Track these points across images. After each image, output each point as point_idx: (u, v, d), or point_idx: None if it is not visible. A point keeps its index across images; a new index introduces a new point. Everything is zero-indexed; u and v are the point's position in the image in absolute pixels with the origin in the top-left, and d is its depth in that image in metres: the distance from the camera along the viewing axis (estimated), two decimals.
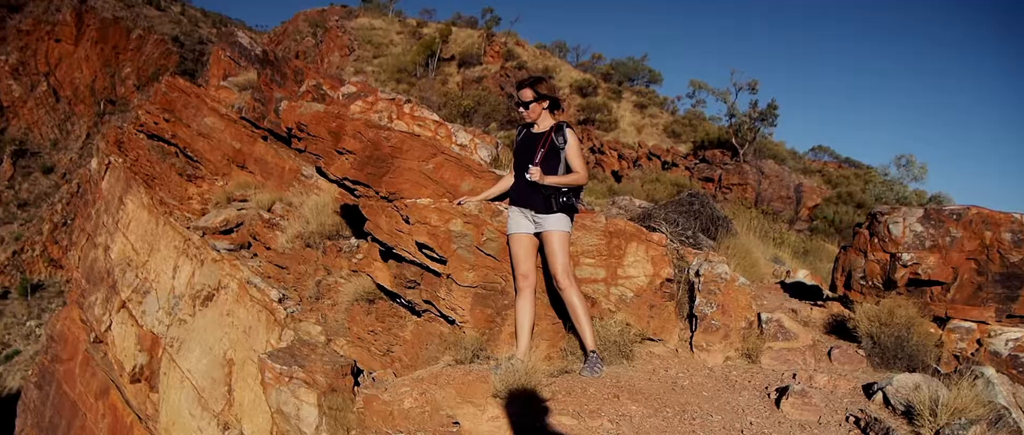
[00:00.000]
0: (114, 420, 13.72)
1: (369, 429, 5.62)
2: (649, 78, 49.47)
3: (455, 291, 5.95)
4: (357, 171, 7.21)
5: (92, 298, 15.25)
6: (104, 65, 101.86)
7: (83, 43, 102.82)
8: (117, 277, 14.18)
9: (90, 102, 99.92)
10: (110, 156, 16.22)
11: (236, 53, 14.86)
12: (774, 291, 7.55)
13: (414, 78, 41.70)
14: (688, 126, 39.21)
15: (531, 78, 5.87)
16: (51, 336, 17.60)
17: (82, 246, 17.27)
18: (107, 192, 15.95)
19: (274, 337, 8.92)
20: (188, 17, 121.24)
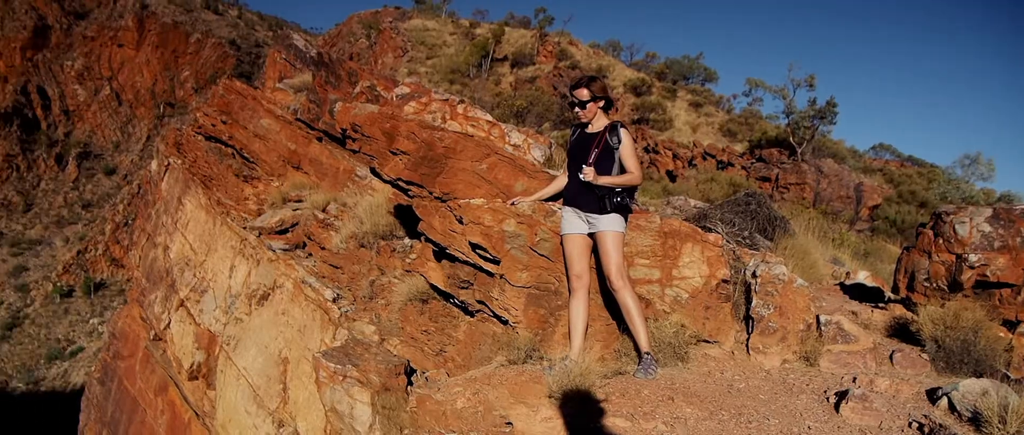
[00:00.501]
0: (173, 416, 14.23)
1: (422, 428, 5.75)
2: (704, 76, 48.94)
3: (508, 291, 6.08)
4: (411, 171, 7.40)
5: (152, 297, 15.83)
6: (164, 69, 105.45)
7: (144, 48, 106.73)
8: (176, 276, 14.73)
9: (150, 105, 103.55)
10: (169, 158, 16.82)
11: (292, 55, 15.30)
12: (833, 293, 7.48)
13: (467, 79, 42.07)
14: (744, 125, 38.69)
15: (586, 78, 5.96)
16: (113, 333, 18.31)
17: (142, 246, 17.94)
18: (166, 193, 16.56)
19: (328, 336, 9.18)
20: (245, 21, 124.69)
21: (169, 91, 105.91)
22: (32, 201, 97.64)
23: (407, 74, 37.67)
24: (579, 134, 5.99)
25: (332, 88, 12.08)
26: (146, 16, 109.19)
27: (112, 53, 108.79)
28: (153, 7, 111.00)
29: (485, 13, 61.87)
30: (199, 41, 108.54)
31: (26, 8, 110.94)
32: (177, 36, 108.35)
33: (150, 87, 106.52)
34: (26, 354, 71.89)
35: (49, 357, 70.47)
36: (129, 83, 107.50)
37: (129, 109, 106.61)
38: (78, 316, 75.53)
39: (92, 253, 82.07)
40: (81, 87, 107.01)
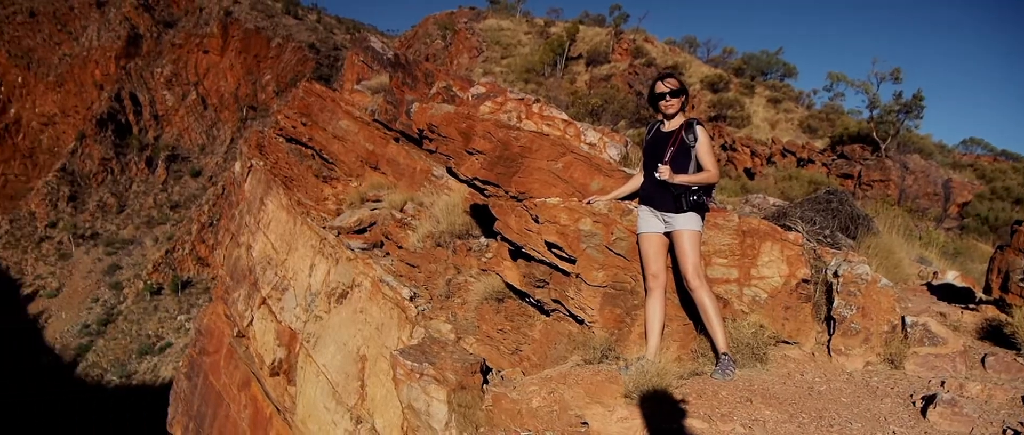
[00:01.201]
0: (255, 411, 14.74)
1: (497, 427, 5.81)
2: (783, 72, 47.79)
3: (584, 290, 6.10)
4: (487, 171, 7.50)
5: (235, 295, 16.43)
6: (247, 73, 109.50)
7: (228, 53, 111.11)
8: (258, 275, 15.25)
9: (234, 108, 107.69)
10: (252, 159, 17.43)
11: (369, 57, 15.61)
12: (920, 293, 7.20)
13: (542, 77, 42.19)
14: (825, 121, 37.58)
15: (671, 70, 5.94)
16: (199, 330, 19.08)
17: (226, 245, 18.64)
18: (249, 193, 17.16)
19: (405, 334, 9.36)
20: (323, 24, 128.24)
21: (251, 95, 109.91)
22: (125, 203, 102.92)
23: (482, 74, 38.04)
24: (655, 132, 5.96)
25: (409, 89, 12.32)
26: (230, 23, 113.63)
27: (198, 59, 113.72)
28: (236, 14, 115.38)
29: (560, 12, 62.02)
30: (280, 45, 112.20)
31: (120, 19, 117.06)
32: (259, 41, 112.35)
33: (233, 91, 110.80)
34: (119, 349, 75.76)
35: (140, 352, 74.06)
36: (214, 88, 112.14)
37: (214, 113, 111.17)
38: (167, 313, 79.14)
39: (179, 252, 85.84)
40: (169, 92, 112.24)
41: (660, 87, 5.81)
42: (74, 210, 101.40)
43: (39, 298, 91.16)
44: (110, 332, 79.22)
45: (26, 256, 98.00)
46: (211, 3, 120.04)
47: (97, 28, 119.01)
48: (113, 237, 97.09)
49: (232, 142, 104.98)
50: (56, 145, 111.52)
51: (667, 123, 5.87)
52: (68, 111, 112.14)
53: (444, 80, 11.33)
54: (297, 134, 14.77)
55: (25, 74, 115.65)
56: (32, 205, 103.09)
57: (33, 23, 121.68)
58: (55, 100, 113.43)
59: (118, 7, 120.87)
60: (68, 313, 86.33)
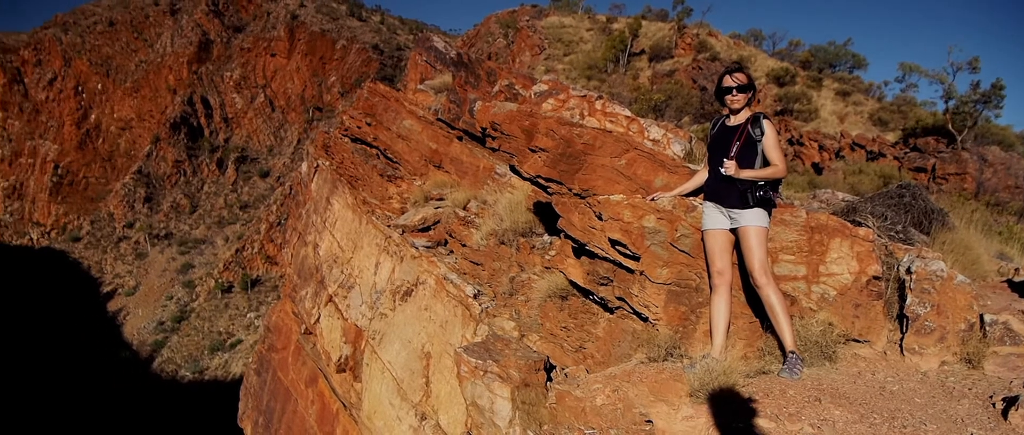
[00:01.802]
0: (322, 407, 15.08)
1: (561, 424, 5.84)
2: (853, 63, 46.37)
3: (648, 288, 6.08)
4: (550, 168, 7.53)
5: (303, 292, 16.84)
6: (312, 75, 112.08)
7: (294, 56, 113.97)
8: (325, 273, 15.60)
9: (300, 110, 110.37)
10: (318, 159, 17.84)
11: (432, 57, 15.82)
12: (1000, 290, 6.91)
13: (604, 74, 41.98)
14: (897, 113, 36.31)
15: (738, 63, 5.87)
16: (268, 327, 19.60)
17: (294, 244, 19.11)
18: (316, 193, 17.56)
19: (469, 332, 9.47)
20: (387, 25, 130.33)
21: (317, 96, 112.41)
22: (197, 203, 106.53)
23: (544, 71, 38.06)
24: (720, 127, 5.90)
25: (471, 88, 12.43)
26: (296, 26, 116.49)
27: (266, 62, 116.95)
28: (302, 17, 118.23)
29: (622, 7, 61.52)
30: (345, 47, 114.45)
31: (192, 25, 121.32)
32: (324, 44, 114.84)
33: (300, 93, 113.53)
34: (192, 345, 78.44)
35: (212, 348, 76.51)
36: (281, 90, 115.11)
37: (281, 114, 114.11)
38: (237, 310, 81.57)
39: (249, 251, 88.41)
40: (239, 95, 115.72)
41: (727, 81, 5.76)
42: (150, 211, 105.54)
43: (118, 296, 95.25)
44: (184, 329, 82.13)
45: (106, 256, 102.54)
46: (278, 7, 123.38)
47: (170, 35, 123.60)
48: (186, 237, 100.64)
49: (299, 143, 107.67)
50: (133, 148, 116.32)
51: (733, 117, 5.81)
52: (144, 115, 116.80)
53: (506, 78, 11.41)
54: (362, 134, 15.06)
55: (104, 81, 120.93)
56: (111, 206, 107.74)
57: (112, 32, 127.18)
58: (132, 105, 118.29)
59: (190, 14, 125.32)
60: (144, 310, 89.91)
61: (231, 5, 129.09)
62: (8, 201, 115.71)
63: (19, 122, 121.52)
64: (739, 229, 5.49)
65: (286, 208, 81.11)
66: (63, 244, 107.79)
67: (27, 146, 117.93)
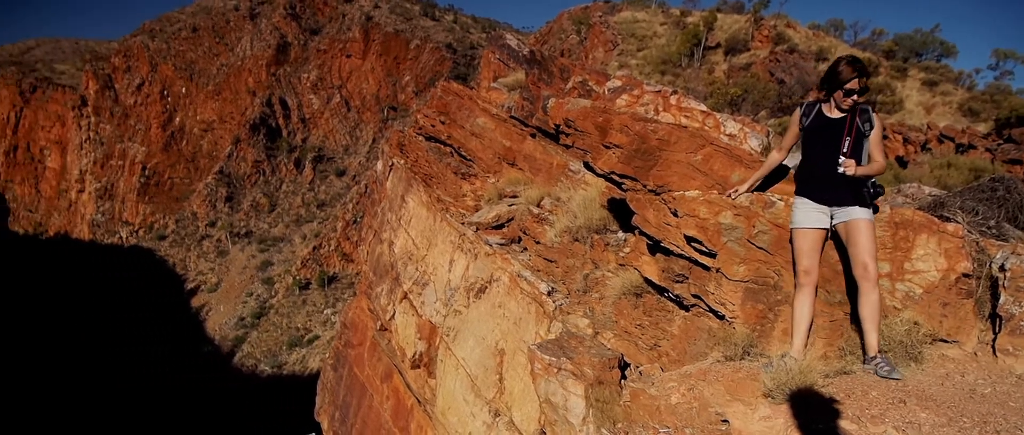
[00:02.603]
0: (397, 402, 15.39)
1: (635, 423, 5.85)
2: (941, 51, 44.28)
3: (725, 285, 6.04)
4: (624, 165, 7.53)
5: (378, 289, 17.20)
6: (387, 75, 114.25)
7: (369, 57, 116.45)
8: (400, 270, 15.91)
9: (375, 109, 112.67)
10: (393, 158, 18.20)
11: (505, 55, 15.97)
12: None
13: (679, 69, 41.44)
14: (989, 102, 34.47)
15: (856, 58, 5.60)
16: (344, 323, 20.10)
17: (370, 241, 19.54)
18: (391, 191, 17.92)
19: (543, 329, 9.54)
20: (460, 24, 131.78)
21: (392, 96, 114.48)
22: (275, 202, 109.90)
23: (618, 67, 37.85)
24: (817, 116, 5.66)
25: (544, 85, 12.49)
26: (371, 27, 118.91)
27: (341, 63, 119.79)
28: (377, 18, 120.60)
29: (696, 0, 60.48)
30: (418, 47, 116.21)
31: (271, 29, 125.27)
32: (398, 44, 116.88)
33: (375, 93, 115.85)
34: (271, 340, 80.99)
35: (290, 344, 78.81)
36: (356, 90, 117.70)
37: (356, 114, 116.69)
38: (314, 307, 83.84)
39: (325, 249, 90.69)
40: (315, 96, 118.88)
41: (854, 83, 5.42)
42: (231, 210, 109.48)
43: (201, 292, 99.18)
44: (263, 325, 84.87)
45: (189, 253, 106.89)
46: (353, 9, 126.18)
47: (250, 38, 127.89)
48: (265, 235, 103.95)
49: (374, 142, 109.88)
50: (214, 149, 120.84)
51: (831, 109, 5.59)
52: (225, 117, 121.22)
53: (580, 75, 11.43)
54: (436, 133, 15.30)
55: (188, 84, 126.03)
56: (194, 206, 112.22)
57: (195, 38, 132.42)
58: (214, 107, 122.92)
59: (268, 18, 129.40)
60: (225, 306, 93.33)
61: (308, 8, 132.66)
62: (100, 201, 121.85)
63: (110, 126, 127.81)
64: (849, 223, 5.30)
65: (362, 206, 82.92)
66: (150, 242, 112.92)
67: (117, 149, 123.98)
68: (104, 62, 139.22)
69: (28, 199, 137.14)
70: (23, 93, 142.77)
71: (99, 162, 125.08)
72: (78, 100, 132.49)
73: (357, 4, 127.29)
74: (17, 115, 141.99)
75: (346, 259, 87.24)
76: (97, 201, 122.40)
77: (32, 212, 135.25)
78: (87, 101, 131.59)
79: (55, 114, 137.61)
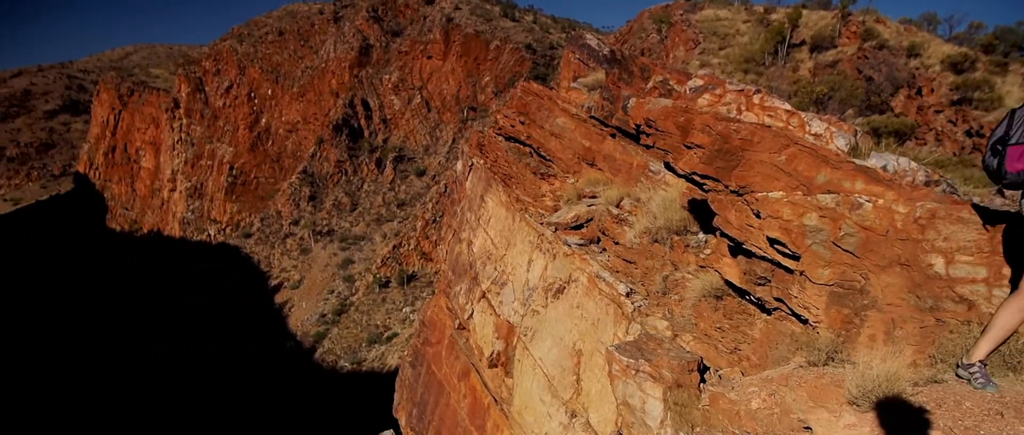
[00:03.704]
0: (473, 400, 15.60)
1: (714, 427, 5.83)
2: None
3: (808, 289, 5.95)
4: (705, 165, 7.48)
5: (457, 288, 17.47)
6: (467, 75, 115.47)
7: (449, 57, 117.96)
8: (478, 269, 16.13)
9: (455, 110, 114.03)
10: (472, 158, 18.46)
11: (585, 55, 15.98)
12: None
13: (762, 67, 40.48)
14: None
15: None
16: (422, 321, 20.48)
17: (449, 241, 19.86)
18: (470, 191, 18.17)
19: (621, 330, 9.55)
20: (539, 25, 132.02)
21: (471, 96, 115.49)
22: (357, 201, 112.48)
23: (699, 66, 37.28)
24: None
25: (625, 85, 12.48)
26: (451, 28, 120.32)
27: (422, 64, 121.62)
28: (457, 20, 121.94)
29: None
30: (498, 47, 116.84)
31: (354, 31, 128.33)
32: (478, 44, 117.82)
33: (455, 93, 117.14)
34: (351, 337, 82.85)
35: (369, 341, 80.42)
36: (437, 91, 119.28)
37: (437, 115, 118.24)
38: (393, 305, 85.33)
39: (405, 248, 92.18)
40: (396, 97, 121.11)
41: None
42: (313, 209, 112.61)
43: (284, 289, 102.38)
44: (343, 322, 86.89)
45: (273, 251, 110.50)
46: (434, 11, 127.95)
47: (333, 41, 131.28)
48: (346, 233, 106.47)
49: (454, 142, 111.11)
50: (298, 150, 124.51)
51: None
52: (309, 118, 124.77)
53: (661, 74, 11.38)
54: (515, 133, 15.44)
55: (274, 87, 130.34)
56: (279, 205, 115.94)
57: (281, 41, 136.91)
58: (298, 109, 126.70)
59: (351, 20, 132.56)
60: (307, 303, 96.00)
61: (389, 10, 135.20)
62: (190, 200, 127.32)
63: (200, 127, 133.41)
64: None
65: (441, 206, 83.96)
66: (236, 240, 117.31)
67: (206, 149, 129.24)
68: (195, 66, 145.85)
69: (124, 198, 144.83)
70: (121, 97, 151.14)
71: (190, 162, 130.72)
72: (171, 103, 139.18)
73: (438, 6, 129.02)
74: (115, 118, 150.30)
75: (425, 258, 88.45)
76: (187, 200, 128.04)
77: (128, 210, 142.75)
78: (179, 103, 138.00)
79: (150, 116, 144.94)
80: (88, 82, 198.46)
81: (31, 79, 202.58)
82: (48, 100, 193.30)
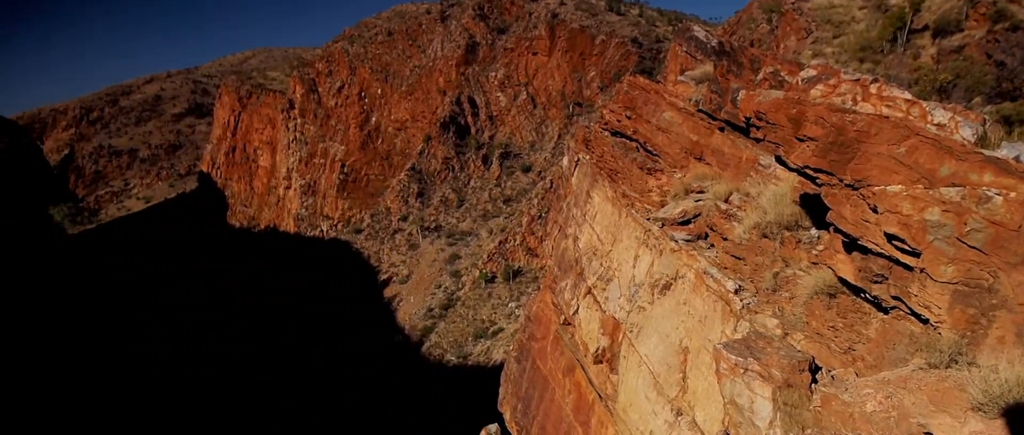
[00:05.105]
0: (578, 397, 15.67)
1: (826, 429, 5.71)
2: None
3: (929, 287, 5.72)
4: (819, 158, 7.28)
5: (562, 284, 17.58)
6: (572, 71, 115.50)
7: (555, 53, 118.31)
8: (584, 265, 16.18)
9: (561, 106, 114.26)
10: (578, 154, 18.52)
11: (692, 47, 15.74)
12: None
13: (880, 55, 38.60)
14: None
15: None
16: (528, 317, 20.70)
17: (554, 237, 20.01)
18: (576, 187, 18.24)
19: (729, 328, 9.41)
20: (645, 18, 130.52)
21: (577, 92, 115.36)
22: (464, 197, 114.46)
23: (812, 56, 35.95)
24: None
25: (734, 77, 12.24)
26: (556, 24, 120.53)
27: (528, 61, 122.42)
28: (562, 15, 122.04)
29: None
30: (603, 42, 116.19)
31: (460, 30, 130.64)
32: (583, 39, 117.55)
33: (560, 89, 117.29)
34: (457, 331, 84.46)
35: (475, 335, 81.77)
36: (542, 87, 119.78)
37: (542, 111, 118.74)
38: (499, 300, 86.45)
39: (511, 243, 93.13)
40: (502, 94, 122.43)
41: None
42: (421, 205, 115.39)
43: (392, 284, 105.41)
44: (450, 316, 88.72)
45: (383, 246, 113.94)
46: (539, 7, 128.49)
47: (441, 40, 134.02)
48: (453, 229, 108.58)
49: (559, 138, 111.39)
50: (407, 147, 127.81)
51: None
52: (417, 116, 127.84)
53: (771, 65, 11.10)
54: (621, 128, 15.40)
55: (383, 86, 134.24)
56: (388, 201, 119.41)
57: (390, 42, 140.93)
58: (406, 107, 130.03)
59: (458, 19, 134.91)
60: (415, 298, 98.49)
61: (495, 8, 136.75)
62: (304, 197, 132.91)
63: (314, 127, 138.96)
64: None
65: (547, 202, 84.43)
66: (347, 235, 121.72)
67: (319, 148, 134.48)
68: (309, 67, 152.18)
69: (243, 195, 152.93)
70: (240, 99, 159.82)
71: (304, 160, 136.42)
72: (286, 103, 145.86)
73: (543, 2, 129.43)
74: (235, 119, 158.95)
75: (531, 254, 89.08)
76: (301, 197, 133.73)
77: (246, 207, 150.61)
78: (294, 104, 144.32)
79: (266, 117, 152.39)
80: (211, 86, 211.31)
81: (161, 85, 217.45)
82: (176, 104, 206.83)
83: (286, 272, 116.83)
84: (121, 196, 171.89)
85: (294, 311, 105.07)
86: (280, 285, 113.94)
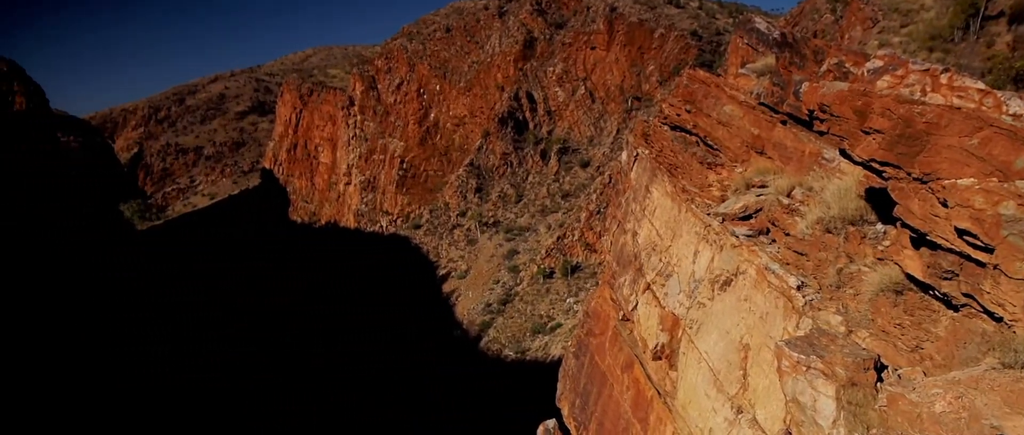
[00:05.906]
0: (636, 393, 15.60)
1: (892, 430, 5.59)
2: None
3: (1003, 284, 5.53)
4: (885, 151, 7.10)
5: (621, 280, 17.50)
6: (631, 65, 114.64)
7: (613, 48, 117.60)
8: (643, 261, 16.08)
9: (619, 100, 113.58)
10: (637, 148, 18.40)
11: (754, 39, 15.47)
12: None
13: (950, 44, 37.26)
14: None
15: None
16: (586, 312, 20.69)
17: (613, 232, 19.91)
18: (635, 182, 18.13)
19: (791, 325, 9.25)
20: (705, 10, 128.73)
21: (636, 86, 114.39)
22: (522, 193, 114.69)
23: (878, 46, 34.91)
24: None
25: (796, 69, 12.00)
26: (614, 18, 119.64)
27: (586, 56, 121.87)
28: (621, 9, 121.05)
29: None
30: (662, 35, 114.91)
31: (518, 25, 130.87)
32: (642, 33, 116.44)
33: (619, 83, 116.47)
34: (515, 327, 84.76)
35: (533, 330, 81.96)
36: (600, 82, 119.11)
37: (601, 105, 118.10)
38: (557, 295, 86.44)
39: (569, 239, 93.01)
40: (560, 89, 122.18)
41: None
42: (480, 200, 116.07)
43: (451, 279, 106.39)
44: (508, 311, 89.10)
45: (441, 242, 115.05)
46: (597, 1, 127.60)
47: (498, 36, 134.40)
48: (512, 225, 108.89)
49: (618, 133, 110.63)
50: (465, 143, 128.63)
51: None
52: (475, 112, 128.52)
53: (835, 56, 10.84)
54: (681, 122, 15.24)
55: (442, 83, 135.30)
56: (446, 197, 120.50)
57: (448, 38, 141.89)
58: (465, 103, 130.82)
59: (516, 15, 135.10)
60: (474, 293, 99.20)
61: (553, 3, 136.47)
62: (364, 193, 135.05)
63: (373, 123, 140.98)
64: None
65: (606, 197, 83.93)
66: (406, 231, 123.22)
67: (379, 144, 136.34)
68: (368, 65, 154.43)
69: (305, 191, 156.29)
70: (302, 97, 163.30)
71: (363, 157, 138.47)
72: (346, 101, 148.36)
73: None
74: (297, 116, 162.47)
75: (589, 249, 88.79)
76: (361, 193, 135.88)
77: (308, 203, 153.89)
78: (354, 101, 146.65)
79: (327, 114, 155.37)
80: (273, 84, 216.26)
81: (225, 84, 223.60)
82: (239, 102, 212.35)
83: (347, 262, 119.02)
84: (187, 193, 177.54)
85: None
86: (336, 280, 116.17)
